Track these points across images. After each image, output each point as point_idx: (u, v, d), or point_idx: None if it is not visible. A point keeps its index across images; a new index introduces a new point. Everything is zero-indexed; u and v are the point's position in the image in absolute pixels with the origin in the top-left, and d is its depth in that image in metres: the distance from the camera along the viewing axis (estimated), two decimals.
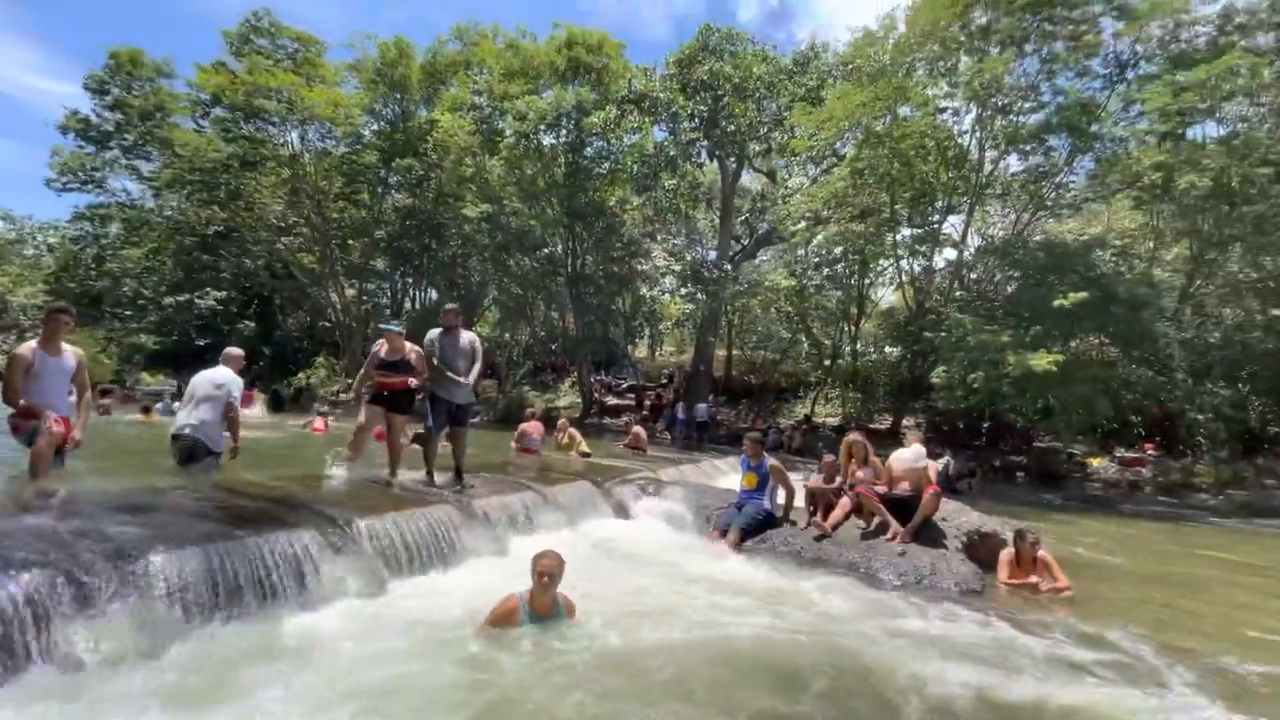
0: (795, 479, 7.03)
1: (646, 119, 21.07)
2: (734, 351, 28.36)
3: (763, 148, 22.57)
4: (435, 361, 5.79)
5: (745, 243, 26.51)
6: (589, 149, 21.39)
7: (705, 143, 21.39)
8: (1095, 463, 16.75)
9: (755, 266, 26.98)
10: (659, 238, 26.28)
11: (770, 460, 6.48)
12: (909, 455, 6.28)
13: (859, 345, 23.23)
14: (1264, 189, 16.30)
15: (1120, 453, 16.93)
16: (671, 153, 20.67)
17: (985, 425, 18.18)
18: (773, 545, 5.99)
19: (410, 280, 30.62)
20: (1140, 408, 18.32)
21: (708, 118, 20.68)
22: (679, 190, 22.22)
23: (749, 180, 27.53)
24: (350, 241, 28.15)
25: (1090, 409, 14.50)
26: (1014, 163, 18.31)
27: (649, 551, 5.69)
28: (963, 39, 17.25)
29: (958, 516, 6.39)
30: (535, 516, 5.75)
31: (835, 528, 6.11)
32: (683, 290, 23.15)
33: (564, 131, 20.99)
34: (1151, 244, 19.43)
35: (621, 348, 29.13)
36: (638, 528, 6.63)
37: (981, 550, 6.09)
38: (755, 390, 25.30)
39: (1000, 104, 17.01)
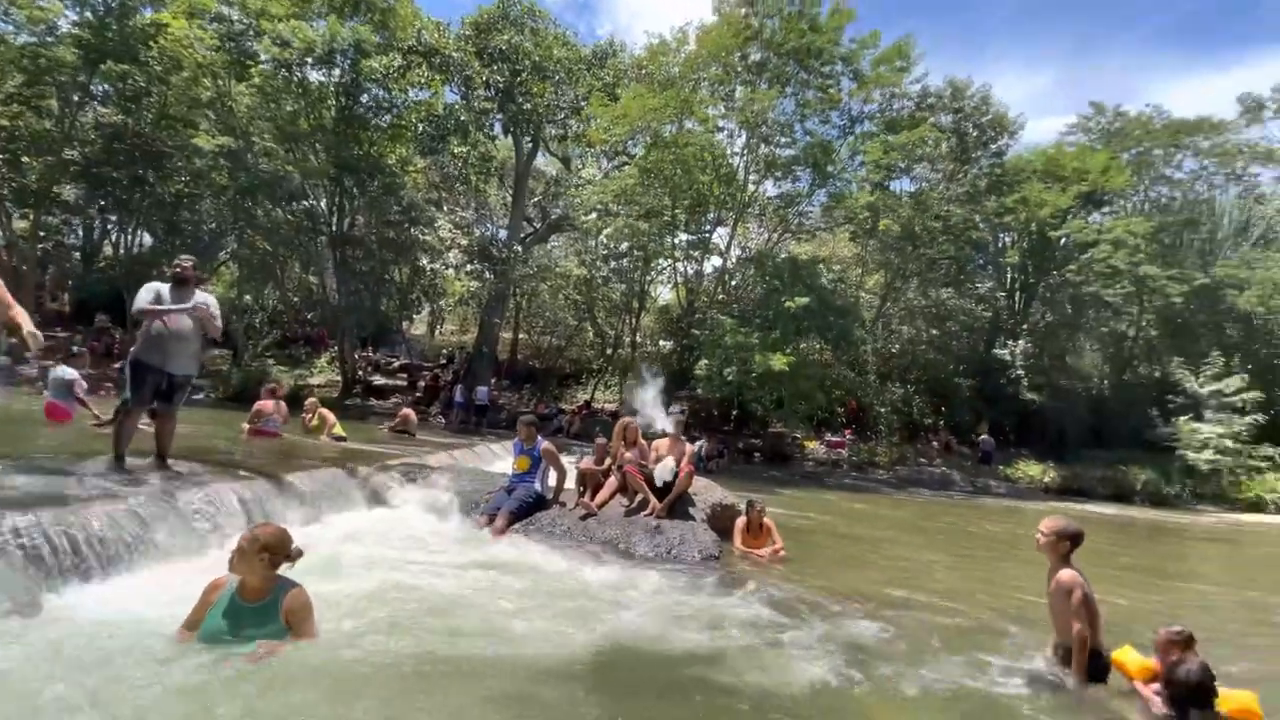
0: (567, 461, 7.17)
1: (437, 76, 19.58)
2: (520, 335, 28.07)
3: (559, 132, 22.59)
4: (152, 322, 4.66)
5: (537, 226, 26.33)
6: (366, 95, 19.11)
7: (500, 116, 20.68)
8: (811, 445, 20.28)
9: (546, 251, 26.99)
10: (446, 208, 24.73)
11: (543, 443, 6.50)
12: (669, 440, 6.84)
13: (638, 337, 24.72)
14: (935, 237, 21.26)
15: (828, 437, 20.73)
16: (463, 118, 19.54)
17: (734, 413, 20.74)
18: (541, 527, 6.03)
19: (114, 219, 24.16)
20: (843, 401, 22.64)
21: (504, 90, 20.00)
22: (469, 160, 21.15)
23: (544, 163, 27.38)
24: (26, 159, 21.08)
25: (811, 401, 17.45)
26: (770, 188, 21.11)
27: (406, 541, 5.29)
28: (740, 70, 19.33)
29: (706, 492, 7.15)
30: (266, 508, 4.94)
31: (601, 506, 6.38)
32: (469, 267, 22.16)
33: (338, 71, 18.44)
34: (859, 271, 24.17)
35: (395, 322, 26.83)
36: (397, 518, 6.13)
37: (722, 520, 6.92)
38: (539, 375, 25.38)
39: (764, 134, 19.44)
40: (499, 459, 10.73)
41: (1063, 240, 21.76)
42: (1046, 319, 23.50)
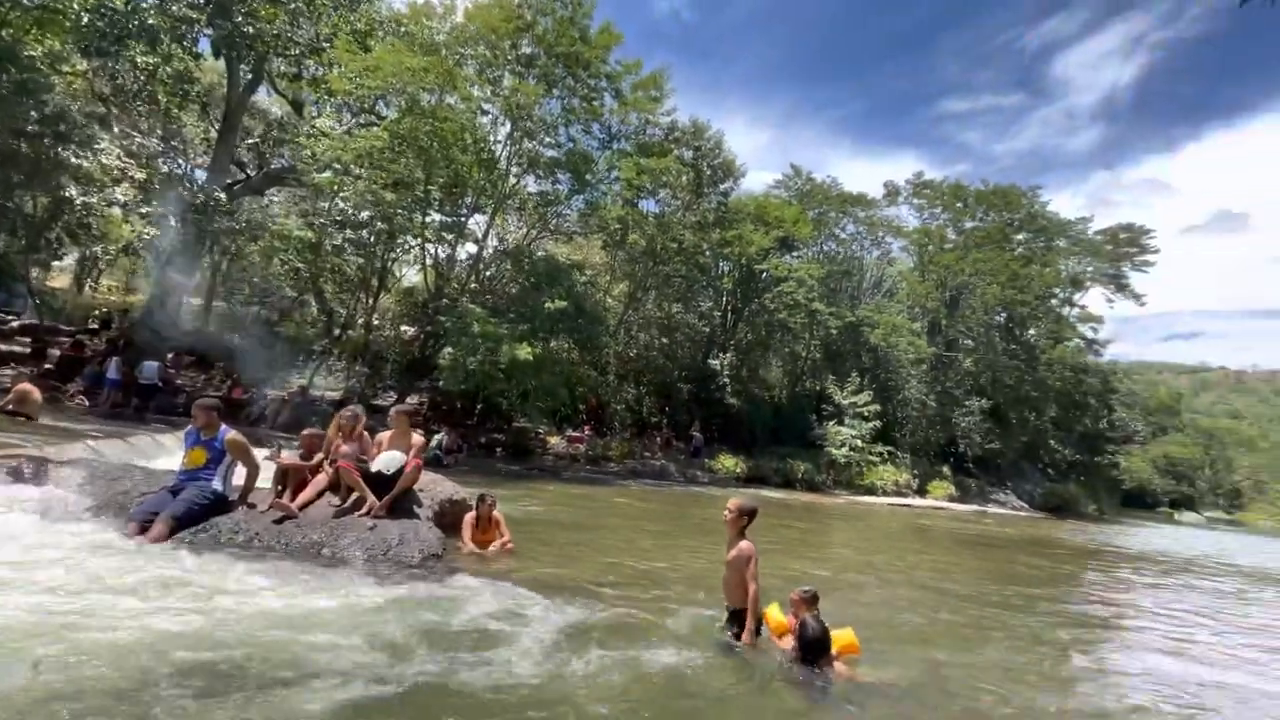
0: (261, 455, 6.09)
1: None
2: (215, 302, 23.15)
3: (291, 70, 19.29)
4: None
5: (251, 173, 22.07)
6: None
7: (210, 31, 16.79)
8: (552, 440, 20.86)
9: (262, 206, 22.77)
10: (116, 129, 19.08)
11: (229, 432, 5.38)
12: (394, 432, 6.30)
13: (375, 319, 22.43)
14: (671, 256, 23.71)
15: (569, 433, 21.58)
16: (152, 21, 15.37)
17: (478, 407, 20.22)
18: (217, 535, 4.99)
19: None
20: (585, 398, 23.83)
21: (218, 0, 16.32)
22: (158, 74, 16.74)
23: (268, 101, 23.11)
24: None
25: (555, 397, 17.93)
26: (532, 184, 21.17)
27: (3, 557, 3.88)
28: (510, 59, 18.97)
29: (434, 488, 6.78)
30: None
31: (305, 507, 5.56)
32: (145, 208, 17.41)
33: None
34: (608, 278, 25.78)
35: (18, 268, 19.83)
36: None
37: (450, 516, 6.63)
38: (237, 352, 21.25)
39: (529, 129, 19.42)
40: (168, 453, 8.65)
41: (764, 274, 26.26)
42: (748, 338, 28.07)
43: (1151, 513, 55.96)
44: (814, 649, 3.78)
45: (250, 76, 18.89)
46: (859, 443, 25.41)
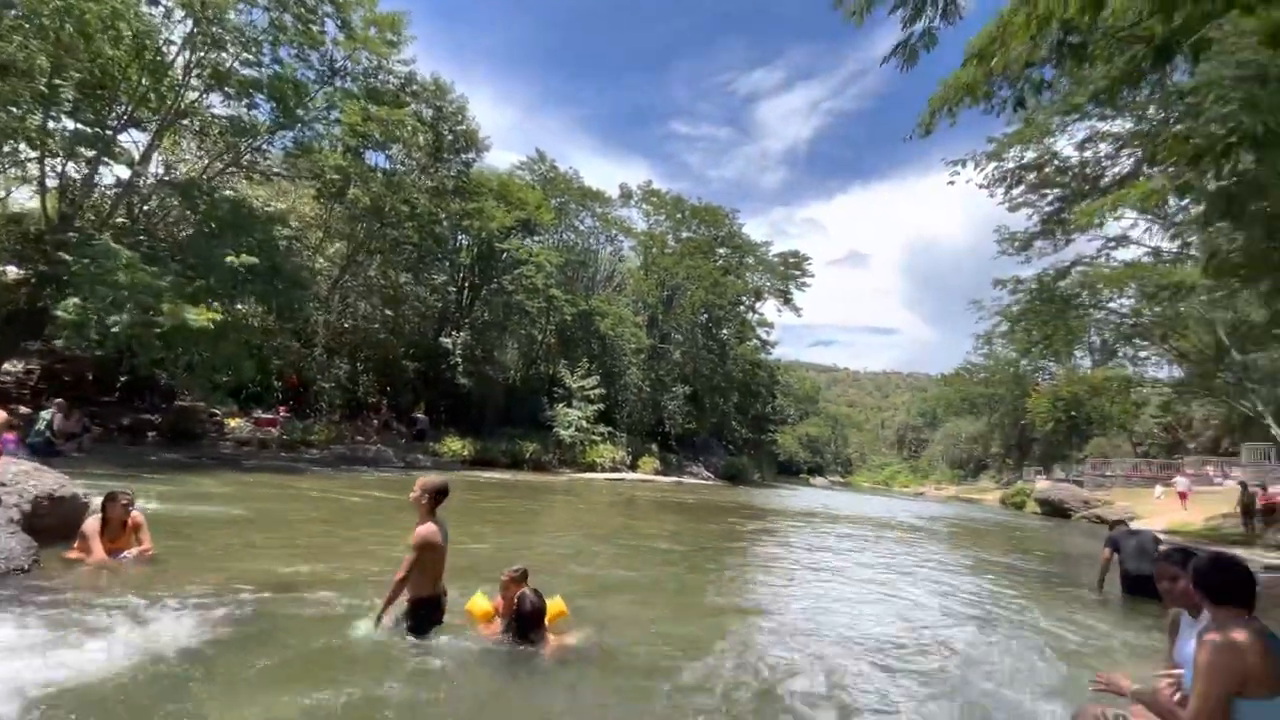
0: None
1: None
2: None
3: None
4: None
5: None
6: None
7: None
8: (233, 423, 17.42)
9: None
10: None
11: None
12: None
13: None
14: (402, 220, 21.80)
15: (258, 414, 18.30)
16: None
17: (122, 379, 15.79)
18: None
19: None
20: (283, 374, 20.50)
21: None
22: None
23: None
24: None
25: (240, 371, 14.95)
26: (218, 104, 17.17)
27: None
28: None
29: (26, 480, 5.01)
30: None
31: None
32: None
33: None
34: (320, 235, 22.50)
35: None
36: None
37: (53, 518, 4.99)
38: None
39: (218, 37, 15.68)
40: None
41: (504, 254, 25.94)
42: (485, 317, 27.47)
43: (795, 478, 71.70)
44: (530, 621, 3.83)
45: None
46: (585, 423, 26.97)
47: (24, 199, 17.81)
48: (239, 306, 16.16)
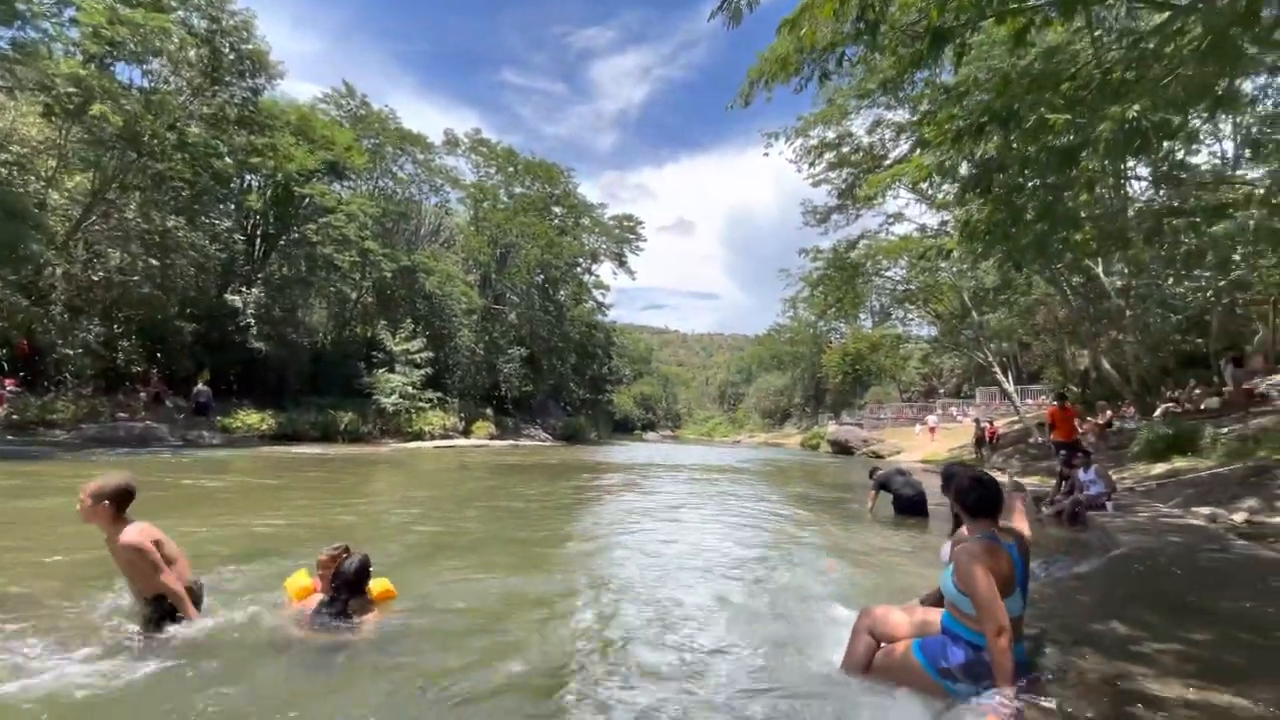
0: None
1: None
2: None
3: None
4: None
5: None
6: None
7: None
8: None
9: None
10: None
11: None
12: None
13: None
14: (168, 151, 18.10)
15: None
16: None
17: None
18: None
19: None
20: (8, 338, 16.29)
21: None
22: None
23: None
24: None
25: None
26: None
27: None
28: None
29: None
30: None
31: None
32: None
33: None
34: (54, 164, 17.83)
35: None
36: None
37: None
38: None
39: None
40: None
41: (306, 200, 22.81)
42: (284, 272, 24.10)
43: (630, 435, 74.91)
44: (351, 582, 3.51)
45: None
46: (410, 390, 25.24)
47: None
48: None
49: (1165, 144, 7.85)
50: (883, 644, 2.85)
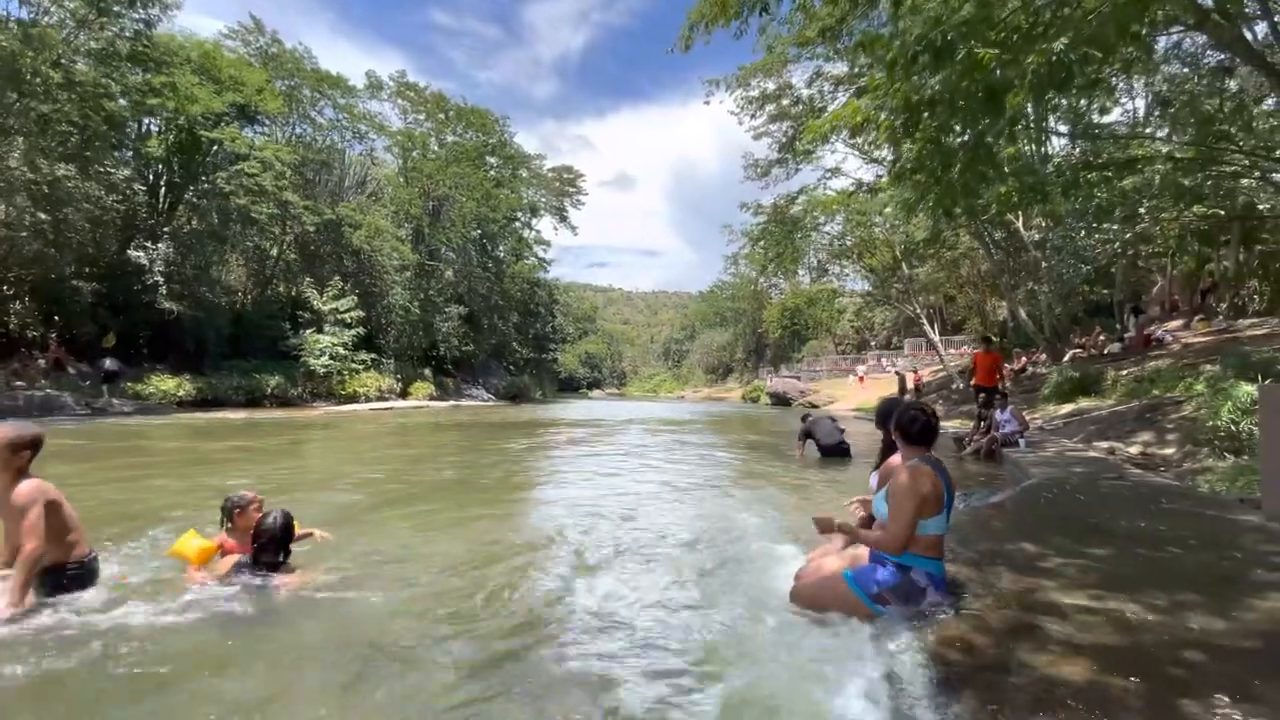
0: None
1: None
2: None
3: None
4: None
5: None
6: None
7: None
8: None
9: None
10: None
11: None
12: None
13: None
14: (52, 91, 16.13)
15: None
16: None
17: None
18: None
19: None
20: None
21: None
22: None
23: None
24: None
25: None
26: None
27: None
28: None
29: None
30: None
31: None
32: None
33: None
34: None
35: None
36: None
37: None
38: None
39: None
40: None
41: (215, 147, 20.92)
42: (193, 225, 22.22)
43: (576, 393, 74.90)
44: (277, 538, 3.31)
45: None
46: (341, 350, 24.16)
47: None
48: None
49: (1085, 94, 8.17)
50: (812, 563, 3.12)
